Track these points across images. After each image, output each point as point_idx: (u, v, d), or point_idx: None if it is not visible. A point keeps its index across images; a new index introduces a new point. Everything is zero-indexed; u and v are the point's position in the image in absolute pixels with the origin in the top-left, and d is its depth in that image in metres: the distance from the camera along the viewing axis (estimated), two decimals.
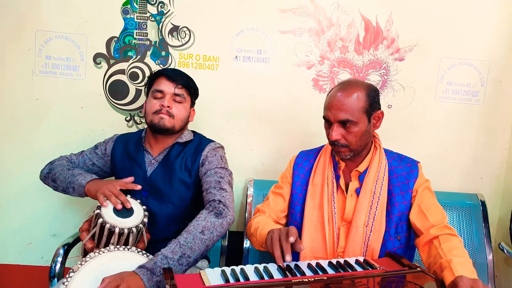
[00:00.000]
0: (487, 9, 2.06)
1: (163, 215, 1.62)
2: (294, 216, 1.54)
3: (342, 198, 1.49)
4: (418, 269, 1.20)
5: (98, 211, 1.39)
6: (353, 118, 1.39)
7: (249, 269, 1.17)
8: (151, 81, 1.70)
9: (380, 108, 1.50)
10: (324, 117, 1.48)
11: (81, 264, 1.18)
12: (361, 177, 1.49)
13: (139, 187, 1.57)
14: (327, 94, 1.51)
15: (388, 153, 1.55)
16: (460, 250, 1.26)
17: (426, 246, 1.34)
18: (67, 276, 1.15)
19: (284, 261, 1.16)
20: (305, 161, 1.61)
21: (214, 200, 1.48)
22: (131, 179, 1.59)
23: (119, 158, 1.72)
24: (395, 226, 1.42)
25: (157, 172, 1.65)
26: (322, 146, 1.64)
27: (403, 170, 1.49)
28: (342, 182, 1.50)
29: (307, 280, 1.11)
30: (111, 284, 1.10)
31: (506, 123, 2.13)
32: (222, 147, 1.75)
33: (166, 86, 1.65)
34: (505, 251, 1.97)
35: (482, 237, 1.93)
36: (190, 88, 1.71)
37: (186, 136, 1.71)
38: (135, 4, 2.06)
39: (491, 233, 1.98)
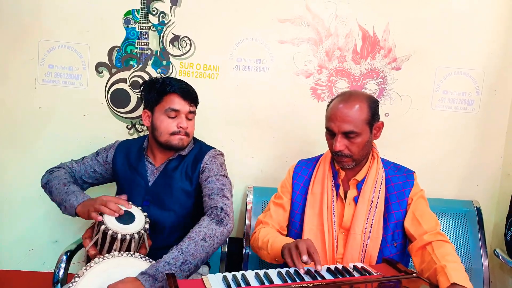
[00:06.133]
0: (482, 20, 2.10)
1: (164, 223, 1.63)
2: (294, 224, 1.57)
3: (341, 206, 1.52)
4: (414, 274, 1.23)
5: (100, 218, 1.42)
6: (357, 130, 1.43)
7: (250, 274, 1.20)
8: (159, 96, 1.63)
9: (379, 119, 1.53)
10: (327, 128, 1.50)
11: (86, 269, 1.21)
12: (359, 185, 1.52)
13: (130, 206, 1.50)
14: (328, 105, 1.54)
15: (385, 162, 1.59)
16: (453, 256, 1.29)
17: (419, 252, 1.37)
18: (72, 280, 1.18)
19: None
20: (304, 170, 1.64)
21: (216, 207, 1.49)
22: (124, 197, 1.56)
23: (121, 167, 1.74)
24: (391, 233, 1.46)
25: (158, 182, 1.67)
26: (321, 155, 1.67)
27: (399, 179, 1.53)
28: (341, 190, 1.54)
29: (306, 285, 1.14)
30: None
31: (500, 131, 2.16)
32: (222, 154, 1.76)
33: (182, 105, 1.63)
34: (500, 257, 1.99)
35: (478, 243, 1.96)
36: (198, 102, 1.73)
37: (188, 148, 1.72)
38: (136, 14, 2.10)
39: (487, 239, 2.01)
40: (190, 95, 1.66)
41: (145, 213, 1.53)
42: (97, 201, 1.45)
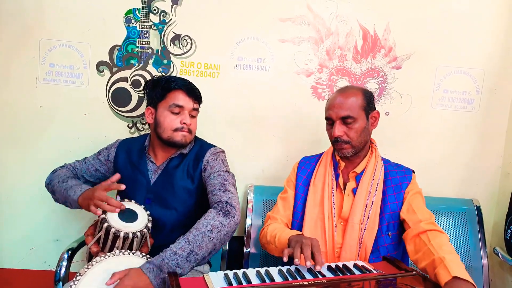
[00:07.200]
0: (482, 19, 2.11)
1: (166, 221, 1.64)
2: (296, 215, 1.62)
3: (340, 197, 1.58)
4: (414, 272, 1.24)
5: (103, 215, 1.42)
6: (354, 114, 1.52)
7: (251, 272, 1.21)
8: (164, 92, 1.65)
9: (375, 109, 1.62)
10: (326, 118, 1.60)
11: (87, 268, 1.22)
12: (358, 178, 1.58)
13: (123, 187, 1.51)
14: (327, 100, 1.62)
15: (385, 160, 1.65)
16: (449, 246, 1.32)
17: (414, 239, 1.41)
18: (74, 279, 1.18)
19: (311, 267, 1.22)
20: (308, 164, 1.71)
21: (221, 201, 1.50)
22: (116, 177, 1.56)
23: (122, 166, 1.74)
24: (386, 224, 1.51)
25: (160, 180, 1.68)
26: (323, 152, 1.72)
27: (397, 174, 1.59)
28: (341, 181, 1.60)
29: (307, 283, 1.15)
30: (118, 275, 1.14)
31: (500, 130, 2.17)
32: (223, 151, 1.77)
33: (186, 102, 1.64)
34: (499, 255, 2.00)
35: (477, 241, 1.96)
36: (201, 100, 1.74)
37: (189, 146, 1.73)
38: (137, 13, 2.11)
39: (486, 237, 2.01)
40: (194, 92, 1.68)
41: (148, 212, 1.54)
42: (96, 195, 1.46)
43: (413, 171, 1.61)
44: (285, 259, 1.25)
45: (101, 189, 1.49)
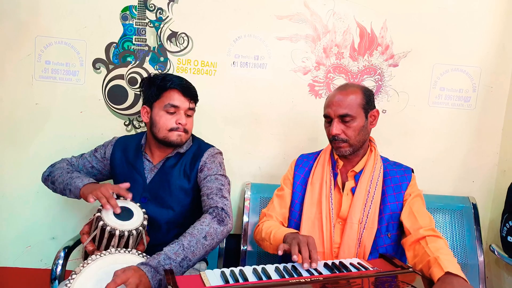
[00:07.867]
0: (479, 17, 2.11)
1: (162, 220, 1.64)
2: (294, 214, 1.61)
3: (338, 196, 1.57)
4: (410, 269, 1.24)
5: (98, 214, 1.42)
6: (352, 113, 1.50)
7: (248, 270, 1.21)
8: (159, 92, 1.64)
9: (375, 107, 1.60)
10: (324, 115, 1.58)
11: (83, 266, 1.21)
12: (357, 177, 1.56)
13: (130, 196, 1.52)
14: (327, 97, 1.60)
15: (384, 158, 1.64)
16: (445, 249, 1.32)
17: (413, 245, 1.40)
18: (69, 278, 1.18)
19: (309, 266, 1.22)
20: (305, 162, 1.69)
21: (217, 207, 1.50)
22: (127, 185, 1.57)
23: (119, 164, 1.74)
24: (386, 224, 1.50)
25: (156, 179, 1.67)
26: (321, 150, 1.71)
27: (397, 173, 1.57)
28: (339, 180, 1.58)
29: (303, 280, 1.15)
30: (121, 277, 1.13)
31: (497, 127, 2.17)
32: (220, 152, 1.76)
33: (181, 101, 1.63)
34: (495, 252, 2.01)
35: (474, 239, 1.97)
36: (197, 99, 1.73)
37: (186, 145, 1.72)
38: (134, 10, 2.10)
39: (482, 235, 2.02)
40: (190, 92, 1.66)
41: (144, 210, 1.53)
42: (102, 189, 1.46)
43: (412, 170, 1.60)
44: (280, 253, 1.26)
45: (109, 187, 1.49)
